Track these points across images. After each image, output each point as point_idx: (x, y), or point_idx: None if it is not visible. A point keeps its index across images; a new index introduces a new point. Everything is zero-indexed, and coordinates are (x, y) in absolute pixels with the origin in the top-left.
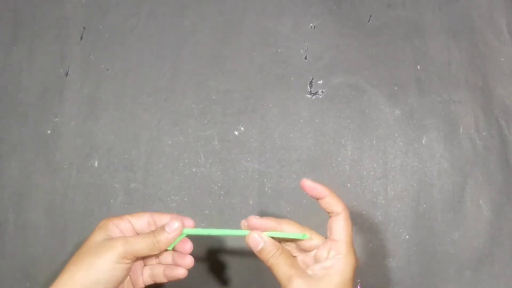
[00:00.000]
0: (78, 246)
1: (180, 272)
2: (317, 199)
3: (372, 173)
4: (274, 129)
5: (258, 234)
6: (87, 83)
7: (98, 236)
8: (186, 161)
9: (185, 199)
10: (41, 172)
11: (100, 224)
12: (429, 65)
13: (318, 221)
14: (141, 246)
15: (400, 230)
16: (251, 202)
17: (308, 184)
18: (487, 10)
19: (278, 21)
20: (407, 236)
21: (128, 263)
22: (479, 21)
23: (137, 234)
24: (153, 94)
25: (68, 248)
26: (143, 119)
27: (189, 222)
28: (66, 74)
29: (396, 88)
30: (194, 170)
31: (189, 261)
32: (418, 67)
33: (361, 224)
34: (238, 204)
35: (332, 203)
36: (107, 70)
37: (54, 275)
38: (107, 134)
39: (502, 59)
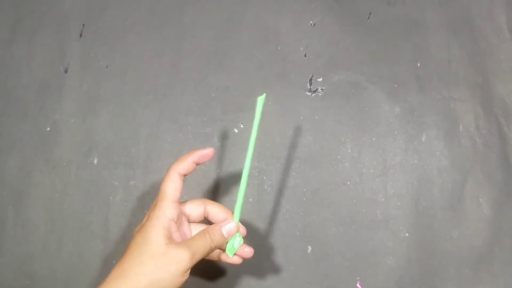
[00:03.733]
0: (77, 243)
1: (236, 260)
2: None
3: (371, 170)
4: (273, 126)
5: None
6: (87, 80)
7: (157, 234)
8: None
9: (185, 196)
10: (40, 169)
11: (159, 213)
12: (429, 63)
13: (318, 220)
14: (202, 251)
15: (400, 228)
16: (250, 199)
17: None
18: (487, 8)
19: (278, 18)
20: (407, 234)
21: (189, 272)
22: (479, 19)
23: (189, 222)
24: (152, 91)
25: (67, 246)
26: (143, 116)
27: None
28: (66, 71)
29: (396, 85)
30: None
31: (249, 252)
32: (418, 65)
33: (360, 221)
34: None
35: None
36: (107, 67)
37: (54, 273)
38: (107, 131)
39: (502, 57)
